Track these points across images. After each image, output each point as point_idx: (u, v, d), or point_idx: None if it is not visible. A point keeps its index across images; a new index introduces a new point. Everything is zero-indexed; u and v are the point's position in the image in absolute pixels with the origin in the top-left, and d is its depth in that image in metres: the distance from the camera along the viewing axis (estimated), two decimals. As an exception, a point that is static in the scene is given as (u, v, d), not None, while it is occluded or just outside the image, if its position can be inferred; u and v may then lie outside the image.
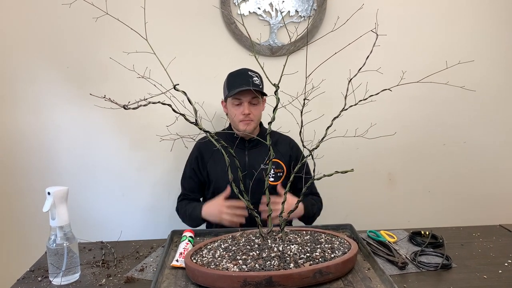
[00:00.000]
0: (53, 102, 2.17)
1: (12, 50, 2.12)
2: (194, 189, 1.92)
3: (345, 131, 1.40)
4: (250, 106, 1.78)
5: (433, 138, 2.39)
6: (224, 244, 1.33)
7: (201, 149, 1.90)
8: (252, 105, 1.79)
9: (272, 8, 2.17)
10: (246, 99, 1.77)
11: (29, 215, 2.23)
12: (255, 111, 1.80)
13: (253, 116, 1.79)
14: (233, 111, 1.81)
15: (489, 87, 2.34)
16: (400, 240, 1.54)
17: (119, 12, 1.35)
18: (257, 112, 1.81)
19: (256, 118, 1.82)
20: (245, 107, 1.77)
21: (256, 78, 1.78)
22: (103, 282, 1.27)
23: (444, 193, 2.44)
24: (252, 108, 1.79)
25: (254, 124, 1.82)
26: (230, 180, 1.30)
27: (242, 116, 1.78)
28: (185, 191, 1.93)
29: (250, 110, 1.78)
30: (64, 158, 2.23)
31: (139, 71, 1.29)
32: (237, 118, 1.80)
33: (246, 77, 1.77)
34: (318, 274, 1.13)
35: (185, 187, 1.93)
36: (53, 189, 1.25)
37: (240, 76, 1.79)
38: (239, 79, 1.78)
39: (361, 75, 1.30)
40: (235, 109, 1.80)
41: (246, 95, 1.76)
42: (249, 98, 1.77)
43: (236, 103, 1.79)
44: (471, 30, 2.29)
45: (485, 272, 1.28)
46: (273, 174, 1.87)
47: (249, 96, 1.76)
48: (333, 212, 2.26)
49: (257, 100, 1.79)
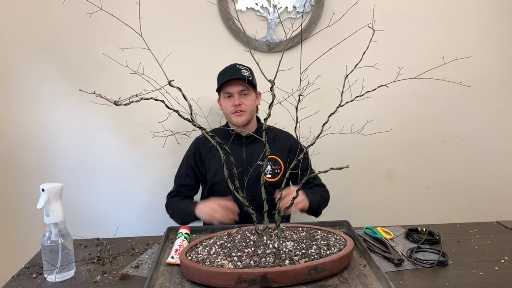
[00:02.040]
0: (50, 98, 2.17)
1: (7, 47, 2.11)
2: (190, 186, 1.91)
3: (341, 128, 1.39)
4: (240, 97, 1.79)
5: (431, 135, 2.38)
6: (220, 241, 1.32)
7: (199, 145, 1.90)
8: (242, 96, 1.79)
9: (269, 3, 2.16)
10: (235, 91, 1.78)
11: (25, 212, 2.22)
12: (246, 101, 1.80)
13: (245, 107, 1.79)
14: (224, 104, 1.82)
15: (487, 83, 2.33)
16: (397, 236, 1.53)
17: (113, 8, 1.34)
18: (248, 102, 1.80)
19: (249, 108, 1.81)
20: (235, 98, 1.78)
21: (245, 71, 1.80)
22: (98, 279, 1.26)
23: (442, 190, 2.44)
24: (243, 99, 1.79)
25: (248, 115, 1.81)
26: (226, 177, 1.29)
27: (233, 108, 1.78)
28: (179, 188, 1.91)
29: (241, 100, 1.78)
30: (61, 155, 2.23)
31: (135, 67, 1.28)
32: (229, 110, 1.80)
33: (234, 70, 1.80)
34: (313, 270, 1.13)
35: (180, 183, 1.91)
36: (47, 186, 1.24)
37: (228, 70, 1.82)
38: (227, 73, 1.80)
39: (357, 71, 1.29)
40: (226, 102, 1.81)
41: (235, 87, 1.77)
42: (238, 89, 1.78)
43: (227, 96, 1.81)
44: (468, 26, 2.28)
45: (482, 269, 1.27)
46: (270, 171, 1.86)
47: (238, 87, 1.77)
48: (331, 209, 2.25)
49: (248, 91, 1.80)
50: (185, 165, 1.92)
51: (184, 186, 1.91)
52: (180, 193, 1.91)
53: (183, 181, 1.91)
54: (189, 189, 1.92)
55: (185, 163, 1.92)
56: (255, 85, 1.83)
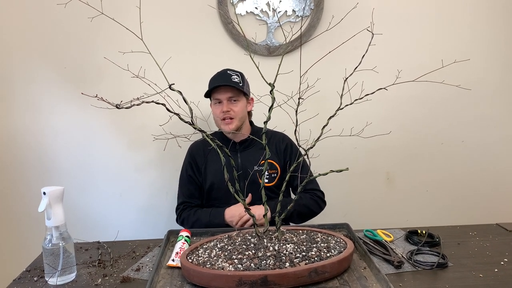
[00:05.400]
0: (50, 102, 2.18)
1: (8, 51, 2.12)
2: (194, 194, 1.89)
3: (341, 131, 1.40)
4: (229, 104, 1.77)
5: (431, 137, 2.39)
6: (220, 244, 1.33)
7: (193, 153, 1.89)
8: (232, 102, 1.78)
9: (269, 7, 2.17)
10: (224, 97, 1.77)
11: (25, 215, 2.23)
12: (235, 108, 1.78)
13: (234, 113, 1.77)
14: (214, 110, 1.82)
15: (486, 85, 2.34)
16: (397, 239, 1.54)
17: (114, 12, 1.35)
18: (238, 109, 1.78)
19: (238, 115, 1.78)
20: (224, 104, 1.77)
21: (235, 77, 1.78)
22: (99, 282, 1.27)
23: (442, 192, 2.44)
24: (232, 105, 1.78)
25: (237, 121, 1.79)
26: (226, 180, 1.30)
27: (221, 114, 1.77)
28: (185, 199, 1.87)
29: (229, 107, 1.77)
30: (62, 158, 2.23)
31: (136, 71, 1.29)
32: (218, 117, 1.80)
33: (224, 76, 1.78)
34: (314, 273, 1.13)
35: (185, 194, 1.88)
36: (48, 189, 1.25)
37: (219, 76, 1.80)
38: (217, 79, 1.79)
39: (357, 74, 1.30)
40: (216, 108, 1.80)
41: (224, 93, 1.76)
42: (227, 95, 1.76)
43: (216, 102, 1.80)
44: (467, 29, 2.29)
45: (481, 271, 1.28)
46: (267, 175, 1.85)
47: (228, 93, 1.76)
48: (331, 212, 2.26)
49: (238, 98, 1.78)
50: (185, 177, 1.90)
51: (189, 195, 1.88)
52: (188, 203, 1.87)
53: (187, 191, 1.89)
54: (196, 197, 1.89)
55: (184, 175, 1.90)
56: (245, 91, 1.80)
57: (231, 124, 1.78)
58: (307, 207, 1.81)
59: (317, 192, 1.87)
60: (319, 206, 1.85)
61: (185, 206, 1.86)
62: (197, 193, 1.89)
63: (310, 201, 1.82)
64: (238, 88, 1.75)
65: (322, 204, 1.87)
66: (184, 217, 1.83)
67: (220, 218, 1.74)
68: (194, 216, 1.80)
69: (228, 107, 1.77)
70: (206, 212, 1.80)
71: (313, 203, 1.83)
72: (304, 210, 1.80)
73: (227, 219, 1.73)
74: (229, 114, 1.77)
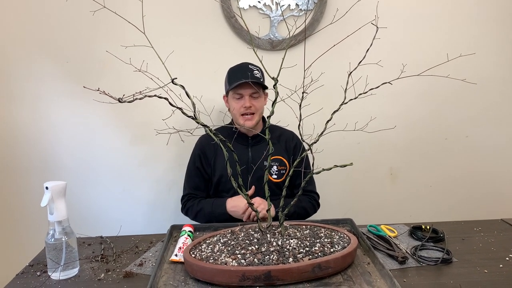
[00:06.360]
0: (52, 97, 2.17)
1: (10, 45, 2.11)
2: (200, 187, 1.89)
3: (345, 125, 1.38)
4: (251, 99, 1.77)
5: (435, 133, 2.37)
6: (223, 239, 1.32)
7: (204, 146, 1.89)
8: (253, 98, 1.78)
9: (272, 1, 2.16)
10: (247, 92, 1.76)
11: (28, 210, 2.23)
12: (257, 103, 1.79)
13: (255, 109, 1.78)
14: (234, 105, 1.80)
15: (491, 80, 2.32)
16: (401, 234, 1.53)
17: (116, 6, 1.34)
18: (259, 104, 1.80)
19: (258, 111, 1.80)
20: (246, 100, 1.76)
21: (257, 72, 1.77)
22: (102, 276, 1.26)
23: (445, 188, 2.43)
24: (254, 101, 1.78)
25: (257, 117, 1.80)
26: (229, 174, 1.29)
27: (243, 109, 1.77)
28: (191, 190, 1.89)
29: (252, 103, 1.77)
30: (64, 153, 2.23)
31: (138, 65, 1.28)
32: (238, 111, 1.79)
33: (246, 70, 1.76)
34: (317, 268, 1.13)
35: (191, 186, 1.90)
36: (51, 184, 1.25)
37: (240, 70, 1.79)
38: (239, 73, 1.77)
39: (361, 68, 1.29)
40: (236, 102, 1.79)
41: (247, 88, 1.75)
42: (249, 91, 1.76)
43: (237, 97, 1.79)
44: (472, 23, 2.26)
45: (486, 267, 1.27)
46: (276, 172, 1.86)
47: (250, 89, 1.75)
48: (335, 207, 2.26)
49: (258, 94, 1.78)
50: (192, 168, 1.90)
51: (195, 187, 1.89)
52: (193, 195, 1.88)
53: (193, 183, 1.90)
54: (202, 190, 1.90)
55: (192, 166, 1.91)
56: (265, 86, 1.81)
57: (252, 120, 1.79)
58: (304, 210, 1.85)
59: (314, 195, 1.91)
60: (314, 209, 1.90)
61: (190, 197, 1.88)
62: (203, 185, 1.90)
63: (308, 204, 1.87)
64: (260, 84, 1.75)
65: (317, 207, 1.92)
66: (189, 207, 1.85)
67: (222, 207, 1.75)
68: (198, 206, 1.82)
69: (250, 103, 1.76)
70: (209, 202, 1.82)
71: (310, 206, 1.88)
72: (302, 212, 1.84)
73: (229, 209, 1.74)
74: (251, 110, 1.77)
